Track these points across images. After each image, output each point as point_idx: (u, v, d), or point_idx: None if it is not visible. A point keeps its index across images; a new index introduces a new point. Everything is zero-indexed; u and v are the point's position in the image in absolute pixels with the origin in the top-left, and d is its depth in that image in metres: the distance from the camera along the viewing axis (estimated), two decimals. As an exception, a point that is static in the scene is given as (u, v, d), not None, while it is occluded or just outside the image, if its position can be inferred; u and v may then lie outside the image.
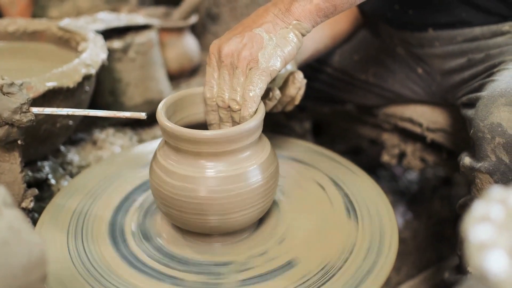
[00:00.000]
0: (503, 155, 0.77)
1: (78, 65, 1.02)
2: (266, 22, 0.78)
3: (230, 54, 0.77)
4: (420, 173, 1.64)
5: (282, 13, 0.78)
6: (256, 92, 0.76)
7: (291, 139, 1.07)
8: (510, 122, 0.77)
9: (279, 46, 0.77)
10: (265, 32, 0.78)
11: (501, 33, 0.98)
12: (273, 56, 0.77)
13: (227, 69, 0.78)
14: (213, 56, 0.80)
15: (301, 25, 0.78)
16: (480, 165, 0.80)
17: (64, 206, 0.88)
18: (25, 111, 0.81)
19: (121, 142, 1.22)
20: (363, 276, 0.74)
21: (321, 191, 0.92)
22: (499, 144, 0.77)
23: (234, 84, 0.78)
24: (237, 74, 0.77)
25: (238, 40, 0.78)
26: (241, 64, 0.77)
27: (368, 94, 1.22)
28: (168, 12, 1.65)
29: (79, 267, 0.76)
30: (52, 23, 1.25)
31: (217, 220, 0.76)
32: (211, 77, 0.81)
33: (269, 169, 0.79)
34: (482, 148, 0.80)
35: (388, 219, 0.85)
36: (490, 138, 0.78)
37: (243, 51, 0.76)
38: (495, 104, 0.80)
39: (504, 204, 0.35)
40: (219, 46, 0.79)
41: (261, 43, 0.77)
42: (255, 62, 0.76)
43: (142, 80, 1.29)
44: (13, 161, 0.86)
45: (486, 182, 0.80)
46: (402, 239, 1.31)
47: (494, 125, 0.78)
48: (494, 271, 0.31)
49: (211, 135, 0.73)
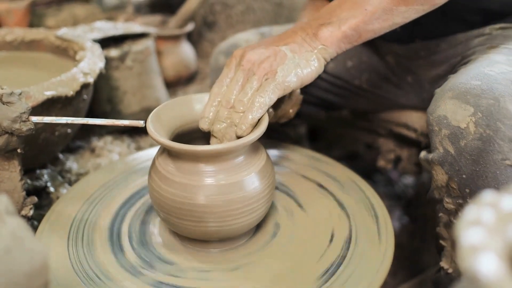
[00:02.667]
0: (449, 146, 0.78)
1: (76, 74, 1.03)
2: (293, 42, 0.81)
3: (251, 61, 0.79)
4: (416, 178, 1.65)
5: (310, 37, 0.81)
6: (265, 100, 0.77)
7: (289, 145, 1.08)
8: (454, 114, 0.78)
9: (299, 66, 0.80)
10: (290, 51, 0.80)
11: (482, 35, 1.00)
12: (291, 74, 0.79)
13: (244, 73, 0.80)
14: (234, 59, 0.82)
15: (327, 50, 0.81)
16: (432, 157, 0.81)
17: (64, 213, 0.88)
18: (25, 120, 0.82)
19: (119, 149, 1.23)
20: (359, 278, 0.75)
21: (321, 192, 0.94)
22: (445, 135, 0.78)
23: (247, 87, 0.79)
24: (252, 80, 0.79)
25: (263, 51, 0.80)
26: (259, 72, 0.78)
27: (363, 100, 1.23)
28: (164, 20, 1.66)
29: (80, 274, 0.76)
30: (49, 32, 1.26)
31: (215, 227, 0.77)
32: (225, 76, 0.82)
33: (266, 176, 0.80)
34: (432, 140, 0.81)
35: (384, 222, 0.86)
36: (438, 130, 0.79)
37: (265, 62, 0.78)
38: (443, 97, 0.81)
39: (495, 208, 0.36)
40: (243, 52, 0.81)
41: (284, 59, 0.79)
42: (272, 74, 0.78)
43: (139, 88, 1.30)
44: (13, 169, 0.87)
45: (439, 173, 0.80)
46: (398, 244, 1.32)
47: (440, 118, 0.79)
48: (485, 273, 0.32)
49: (211, 150, 0.74)
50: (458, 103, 0.78)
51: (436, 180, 0.82)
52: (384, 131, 1.31)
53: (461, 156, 0.77)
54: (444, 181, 0.80)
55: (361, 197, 0.91)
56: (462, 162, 0.77)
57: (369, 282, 0.74)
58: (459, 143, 0.77)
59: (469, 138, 0.76)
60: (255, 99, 0.77)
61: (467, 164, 0.76)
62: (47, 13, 1.90)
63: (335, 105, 1.26)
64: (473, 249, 0.33)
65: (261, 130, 0.77)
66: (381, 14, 0.80)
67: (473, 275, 0.32)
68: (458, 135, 0.77)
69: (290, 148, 1.06)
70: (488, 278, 0.32)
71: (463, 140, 0.76)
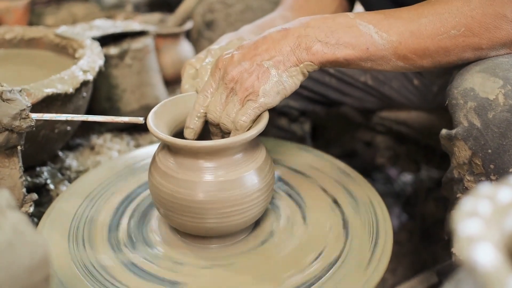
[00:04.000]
0: (474, 119, 0.76)
1: (75, 72, 1.04)
2: (278, 56, 0.79)
3: (234, 80, 0.79)
4: (414, 176, 1.65)
5: (300, 50, 0.79)
6: (247, 122, 0.79)
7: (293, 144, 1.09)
8: (482, 86, 0.76)
9: (282, 84, 0.79)
10: (274, 68, 0.79)
11: None
12: (274, 93, 0.79)
13: (227, 91, 0.80)
14: (218, 71, 0.82)
15: (312, 66, 0.80)
16: (455, 132, 0.79)
17: (64, 210, 0.89)
18: (25, 117, 0.82)
19: (118, 147, 1.23)
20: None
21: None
22: (471, 108, 0.76)
23: (229, 108, 0.80)
24: (234, 101, 0.79)
25: (246, 67, 0.79)
26: (241, 93, 0.79)
27: (367, 96, 1.23)
28: (163, 18, 1.67)
29: (81, 270, 0.77)
30: (49, 30, 1.26)
31: (215, 223, 0.78)
32: (209, 87, 0.83)
33: (266, 173, 0.80)
34: (455, 115, 0.79)
35: (383, 219, 0.86)
36: (463, 103, 0.77)
37: (247, 81, 0.78)
38: (470, 71, 0.79)
39: (492, 200, 0.37)
40: (226, 66, 0.80)
41: (267, 78, 0.78)
42: (254, 96, 0.78)
43: (138, 86, 1.30)
44: (13, 166, 0.87)
45: (462, 149, 0.78)
46: (397, 241, 1.33)
47: (467, 90, 0.77)
48: (482, 263, 0.32)
49: (210, 145, 0.74)
50: (487, 76, 0.77)
51: (458, 157, 0.79)
52: (383, 129, 1.31)
53: (488, 129, 0.74)
54: (467, 158, 0.78)
55: (370, 221, 0.87)
56: (489, 136, 0.74)
57: (367, 278, 0.74)
58: (486, 115, 0.75)
59: (498, 109, 0.74)
60: (238, 123, 0.79)
61: (494, 137, 0.74)
62: (46, 12, 1.90)
63: (337, 101, 1.26)
64: (470, 240, 0.34)
65: (261, 126, 0.77)
66: (378, 59, 0.79)
67: (470, 265, 0.33)
68: (486, 106, 0.75)
69: (320, 156, 1.04)
70: (485, 268, 0.32)
71: (491, 112, 0.74)
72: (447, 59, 0.80)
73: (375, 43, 0.79)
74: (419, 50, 0.79)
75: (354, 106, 1.28)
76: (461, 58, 0.80)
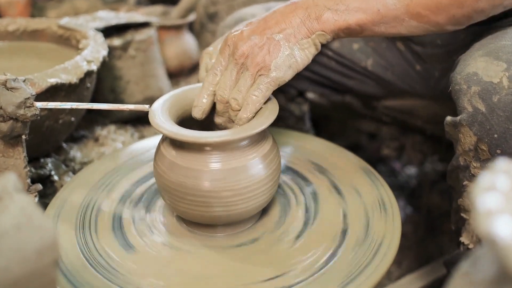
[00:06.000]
0: (479, 103, 0.75)
1: (79, 62, 1.03)
2: (289, 28, 0.78)
3: (244, 55, 0.78)
4: (419, 168, 1.65)
5: (310, 20, 0.78)
6: (259, 98, 0.77)
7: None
8: (486, 70, 0.75)
9: (294, 57, 0.78)
10: (284, 40, 0.78)
11: (502, 23, 0.98)
12: (286, 67, 0.77)
13: (237, 67, 0.79)
14: (227, 47, 0.80)
15: (325, 36, 0.79)
16: (459, 118, 0.78)
17: (69, 200, 0.88)
18: (29, 105, 0.82)
19: (122, 138, 1.23)
20: (366, 265, 0.75)
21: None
22: (475, 93, 0.75)
23: (240, 84, 0.78)
24: (246, 76, 0.78)
25: (256, 41, 0.77)
26: (252, 68, 0.77)
27: (367, 81, 1.22)
28: (166, 10, 1.66)
29: (88, 259, 0.76)
30: (52, 21, 1.26)
31: (221, 211, 0.77)
32: (218, 65, 0.81)
33: (272, 160, 0.79)
34: (459, 101, 0.78)
35: (392, 212, 0.86)
36: (466, 88, 0.77)
37: (258, 56, 0.77)
38: (472, 56, 0.79)
39: (509, 174, 0.36)
40: (236, 41, 0.79)
41: (278, 51, 0.77)
42: (266, 70, 0.77)
43: (142, 77, 1.30)
44: (17, 156, 0.87)
45: (467, 136, 0.77)
46: (402, 233, 1.32)
47: (470, 75, 0.77)
48: (503, 236, 0.32)
49: (219, 140, 0.73)
50: (490, 59, 0.76)
51: (463, 144, 0.79)
52: (388, 119, 1.30)
53: (493, 113, 0.74)
54: (472, 144, 0.77)
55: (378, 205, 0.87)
56: (494, 120, 0.74)
57: (372, 270, 0.73)
58: (491, 99, 0.74)
59: (503, 93, 0.73)
60: (249, 97, 0.77)
61: (500, 121, 0.73)
62: (48, 6, 1.90)
63: (340, 85, 1.25)
64: (489, 214, 0.33)
65: (271, 118, 0.77)
66: (391, 20, 0.78)
67: (490, 239, 0.32)
68: (491, 90, 0.74)
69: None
70: (506, 241, 0.31)
71: (495, 96, 0.74)
72: (461, 11, 0.77)
73: (386, 3, 0.77)
74: (432, 5, 0.77)
75: (355, 90, 1.26)
76: (476, 9, 0.77)
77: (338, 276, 0.73)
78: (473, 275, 0.36)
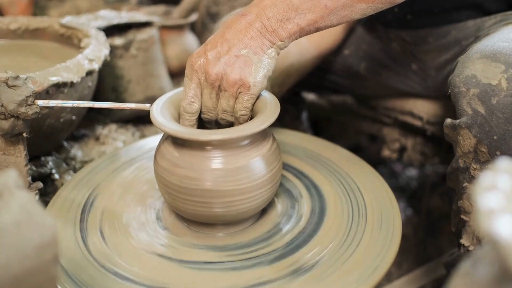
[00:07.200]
0: (478, 106, 0.75)
1: (81, 60, 1.03)
2: (252, 40, 0.77)
3: (218, 78, 0.77)
4: (419, 170, 1.65)
5: (269, 32, 0.78)
6: (247, 113, 0.79)
7: None
8: (484, 72, 0.76)
9: (266, 67, 0.78)
10: (252, 54, 0.77)
11: (495, 18, 0.98)
12: (261, 78, 0.78)
13: (215, 90, 0.78)
14: (195, 73, 0.78)
15: (284, 44, 0.79)
16: (459, 121, 0.78)
17: (70, 198, 0.88)
18: (31, 103, 0.82)
19: (123, 137, 1.23)
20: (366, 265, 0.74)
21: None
22: (474, 95, 0.76)
23: (223, 104, 0.79)
24: (226, 97, 0.78)
25: (225, 61, 0.77)
26: (230, 88, 0.77)
27: (364, 84, 1.22)
28: (168, 10, 1.66)
29: (87, 258, 0.76)
30: (54, 20, 1.26)
31: (222, 211, 0.77)
32: (191, 92, 0.79)
33: (273, 160, 0.79)
34: (459, 103, 0.79)
35: (392, 212, 0.86)
36: (465, 91, 0.77)
37: (232, 74, 0.76)
38: (471, 59, 0.79)
39: (511, 174, 0.36)
40: (205, 66, 0.77)
41: (250, 66, 0.77)
42: (245, 88, 0.77)
43: (143, 77, 1.30)
44: (18, 154, 0.87)
45: (466, 138, 0.78)
46: (403, 235, 1.32)
47: (468, 77, 0.77)
48: (504, 235, 0.32)
49: (220, 138, 0.73)
50: (488, 61, 0.77)
51: (463, 146, 0.79)
52: (388, 120, 1.30)
53: (493, 115, 0.74)
54: (472, 146, 0.77)
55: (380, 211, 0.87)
56: (494, 122, 0.74)
57: (372, 271, 0.73)
58: (490, 101, 0.74)
59: (502, 95, 0.74)
60: (238, 116, 0.79)
61: (499, 123, 0.74)
62: (50, 5, 1.90)
63: (338, 86, 1.25)
64: (491, 213, 0.33)
65: (273, 118, 0.76)
66: (340, 10, 0.78)
67: (492, 238, 0.32)
68: (489, 92, 0.75)
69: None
70: (507, 240, 0.31)
71: (494, 98, 0.74)
72: None
73: None
74: None
75: (354, 93, 1.26)
76: None
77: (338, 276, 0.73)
78: (474, 275, 0.36)
